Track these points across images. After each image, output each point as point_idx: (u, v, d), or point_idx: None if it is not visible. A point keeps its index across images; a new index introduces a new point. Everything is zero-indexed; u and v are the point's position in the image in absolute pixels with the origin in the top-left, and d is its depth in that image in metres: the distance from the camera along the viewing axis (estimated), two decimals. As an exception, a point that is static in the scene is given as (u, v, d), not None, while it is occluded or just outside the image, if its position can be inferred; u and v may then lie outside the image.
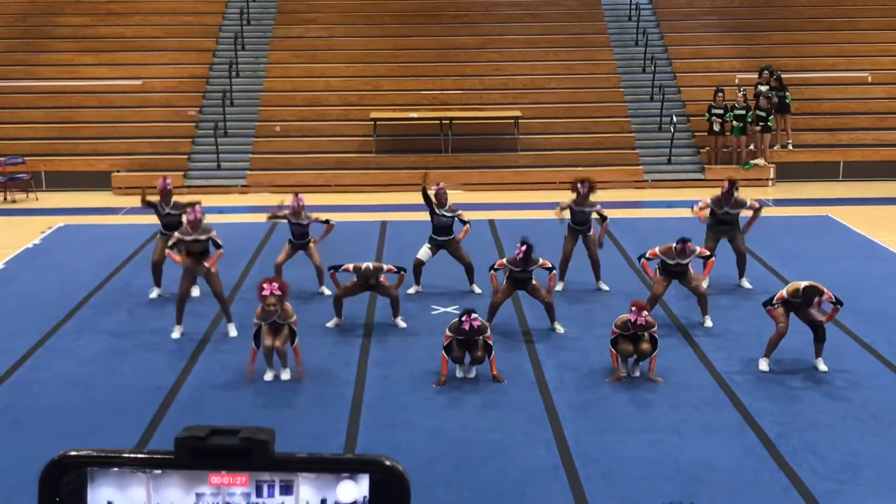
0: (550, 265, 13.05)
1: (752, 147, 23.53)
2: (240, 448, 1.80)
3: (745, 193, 21.76)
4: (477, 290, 14.70)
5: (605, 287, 14.93)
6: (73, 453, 1.83)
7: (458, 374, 11.67)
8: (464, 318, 11.27)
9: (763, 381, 11.60)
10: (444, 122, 23.94)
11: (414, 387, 11.55)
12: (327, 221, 14.75)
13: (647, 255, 13.42)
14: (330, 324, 13.35)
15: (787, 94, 23.72)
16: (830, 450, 9.90)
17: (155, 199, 14.64)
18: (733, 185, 14.81)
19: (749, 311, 14.02)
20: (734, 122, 23.18)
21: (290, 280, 12.71)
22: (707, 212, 14.93)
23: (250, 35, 27.08)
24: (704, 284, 13.86)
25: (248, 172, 23.19)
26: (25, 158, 22.77)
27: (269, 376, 11.52)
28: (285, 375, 11.56)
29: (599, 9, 28.29)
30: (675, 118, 23.75)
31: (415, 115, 24.19)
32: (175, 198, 14.88)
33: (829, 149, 24.08)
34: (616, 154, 23.78)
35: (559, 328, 13.21)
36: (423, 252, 14.66)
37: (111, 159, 23.44)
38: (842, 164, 23.86)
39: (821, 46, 26.75)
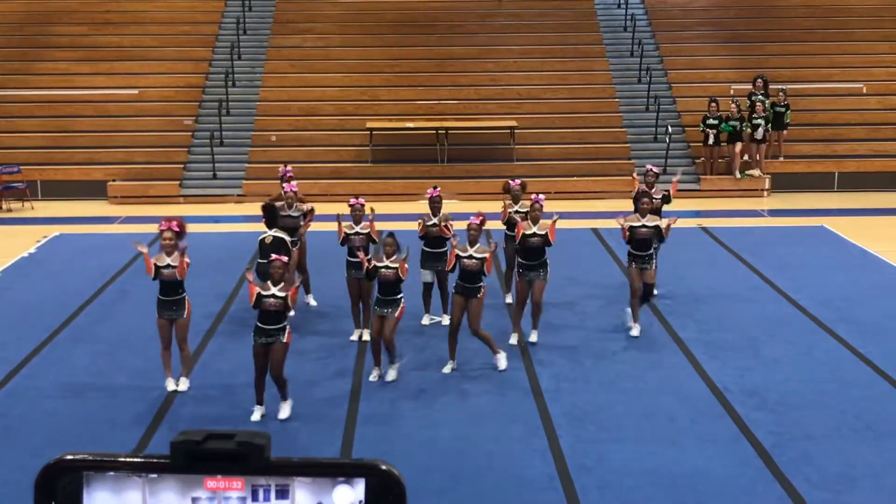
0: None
1: (746, 158, 23.55)
2: (236, 452, 1.79)
3: (741, 204, 22.00)
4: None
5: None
6: (69, 457, 1.82)
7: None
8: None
9: (758, 391, 11.60)
10: (439, 132, 23.97)
11: (409, 397, 11.53)
12: (311, 210, 14.55)
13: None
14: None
15: (788, 111, 23.71)
16: (826, 460, 9.91)
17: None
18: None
19: (743, 320, 14.07)
20: (729, 132, 23.21)
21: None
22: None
23: (247, 45, 27.09)
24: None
25: (244, 182, 23.18)
26: (21, 167, 22.75)
27: None
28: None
29: (595, 20, 28.34)
30: (670, 128, 23.77)
31: (411, 124, 24.22)
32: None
33: (824, 159, 24.11)
34: (611, 164, 23.80)
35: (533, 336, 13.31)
36: (426, 274, 13.86)
37: (107, 168, 23.43)
38: (836, 174, 23.89)
39: (815, 57, 26.81)
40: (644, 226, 13.39)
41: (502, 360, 12.21)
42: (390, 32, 27.57)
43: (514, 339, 13.17)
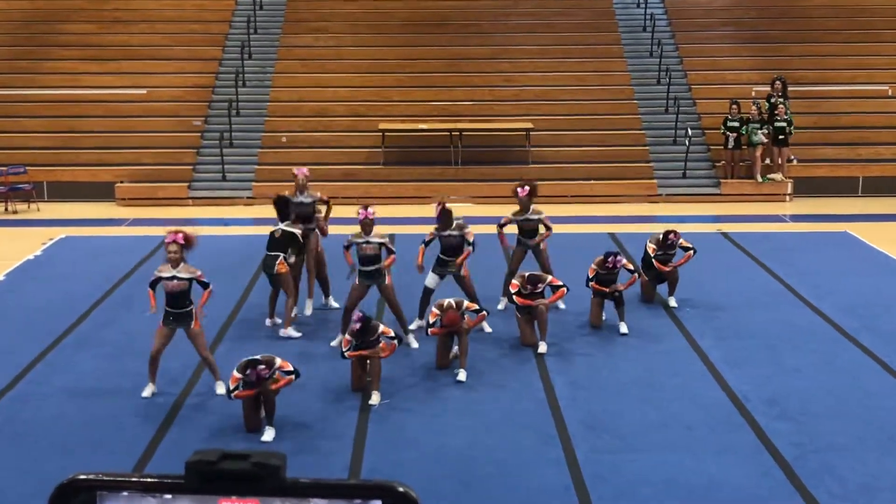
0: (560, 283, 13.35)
1: (768, 161, 23.19)
2: (251, 473, 1.81)
3: (762, 208, 21.68)
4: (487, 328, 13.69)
5: (561, 306, 14.27)
6: (82, 477, 1.85)
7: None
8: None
9: (778, 400, 11.41)
10: (453, 133, 23.69)
11: (420, 404, 11.35)
12: (327, 201, 14.47)
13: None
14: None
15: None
16: (848, 471, 9.70)
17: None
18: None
19: (763, 328, 13.82)
20: (751, 135, 22.84)
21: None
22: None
23: (257, 44, 26.88)
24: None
25: (254, 183, 22.92)
26: (27, 168, 22.53)
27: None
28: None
29: (613, 19, 28.02)
30: (690, 131, 23.40)
31: (424, 126, 23.94)
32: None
33: (848, 163, 23.74)
34: (630, 167, 23.47)
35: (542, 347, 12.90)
36: (431, 279, 13.56)
37: (114, 170, 23.20)
38: (861, 179, 23.51)
39: (839, 59, 26.44)
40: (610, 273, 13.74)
41: (461, 375, 12.00)
42: (403, 32, 27.31)
43: (542, 348, 12.87)
